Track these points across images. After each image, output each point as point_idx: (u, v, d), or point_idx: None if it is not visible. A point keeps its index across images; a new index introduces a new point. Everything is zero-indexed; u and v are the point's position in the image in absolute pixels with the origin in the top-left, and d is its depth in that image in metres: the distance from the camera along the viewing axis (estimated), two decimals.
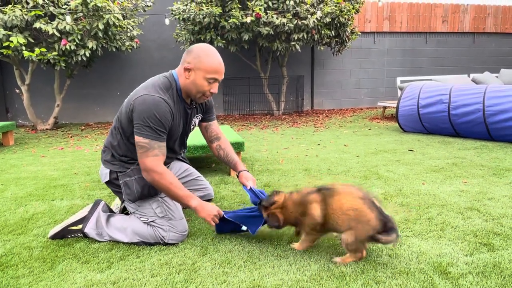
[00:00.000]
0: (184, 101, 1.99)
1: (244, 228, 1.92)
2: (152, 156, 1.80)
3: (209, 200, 2.52)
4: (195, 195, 1.95)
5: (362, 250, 1.68)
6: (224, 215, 1.92)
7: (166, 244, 1.91)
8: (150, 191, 1.94)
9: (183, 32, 6.99)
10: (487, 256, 1.69)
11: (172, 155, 2.14)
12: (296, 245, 1.83)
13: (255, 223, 1.88)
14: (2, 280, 1.60)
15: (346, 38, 7.53)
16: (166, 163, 2.17)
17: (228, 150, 2.25)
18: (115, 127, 2.00)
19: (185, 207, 1.96)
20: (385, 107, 7.62)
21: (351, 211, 1.63)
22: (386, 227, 1.61)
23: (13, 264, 1.74)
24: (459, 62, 9.99)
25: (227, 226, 1.98)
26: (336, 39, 7.44)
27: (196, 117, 2.14)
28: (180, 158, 2.40)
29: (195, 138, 3.42)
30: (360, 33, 8.40)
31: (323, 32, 6.84)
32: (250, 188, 2.02)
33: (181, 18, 6.76)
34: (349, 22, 7.31)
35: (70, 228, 2.00)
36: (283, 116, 8.03)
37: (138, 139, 1.81)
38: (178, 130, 2.00)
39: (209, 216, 1.86)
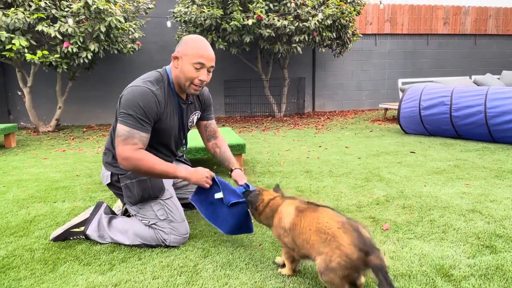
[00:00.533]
0: (178, 96, 1.97)
1: (220, 195, 1.84)
2: (131, 144, 1.76)
3: None
4: (179, 165, 1.91)
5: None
6: (215, 177, 1.89)
7: (167, 246, 1.91)
8: (150, 194, 1.93)
9: (184, 34, 7.00)
10: (489, 259, 1.69)
11: (170, 155, 2.13)
12: (283, 270, 1.64)
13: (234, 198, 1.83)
14: (4, 282, 1.60)
15: (348, 40, 7.53)
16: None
17: (224, 148, 2.23)
18: (113, 128, 1.99)
19: (175, 178, 1.91)
20: (386, 109, 7.62)
21: (322, 234, 1.39)
22: (369, 261, 1.30)
23: (15, 266, 1.74)
24: (461, 64, 9.99)
25: (208, 201, 1.89)
26: (338, 41, 7.45)
27: (195, 114, 2.12)
28: (182, 160, 2.39)
29: (196, 140, 3.42)
30: (361, 35, 8.41)
31: (324, 34, 6.85)
32: (246, 184, 1.94)
33: (182, 20, 6.78)
34: (350, 24, 7.32)
35: (72, 230, 2.00)
36: (284, 118, 8.03)
37: (119, 127, 1.79)
38: (172, 125, 1.97)
39: (201, 179, 1.85)
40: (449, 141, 4.67)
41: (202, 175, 1.86)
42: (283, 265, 1.66)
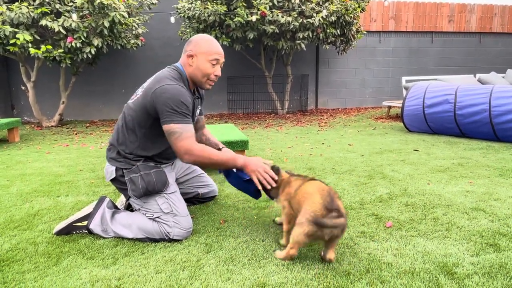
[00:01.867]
0: (190, 91, 2.06)
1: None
2: (187, 138, 1.85)
3: (213, 197, 2.53)
4: (237, 154, 1.99)
5: (302, 242, 1.61)
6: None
7: (171, 240, 1.91)
8: (155, 187, 1.95)
9: (188, 30, 6.99)
10: (493, 257, 1.68)
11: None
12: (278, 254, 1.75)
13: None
14: (8, 275, 1.61)
15: (352, 37, 7.49)
16: (172, 160, 2.18)
17: (208, 135, 2.36)
18: (124, 125, 2.00)
19: (234, 167, 1.97)
20: (390, 107, 7.59)
21: (306, 194, 1.70)
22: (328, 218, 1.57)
23: (19, 259, 1.75)
24: (465, 62, 9.93)
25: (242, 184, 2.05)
26: (342, 38, 7.42)
27: (199, 107, 2.22)
28: None
29: None
30: (365, 32, 8.37)
31: (328, 31, 6.82)
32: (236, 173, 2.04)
33: (186, 16, 6.77)
34: (355, 21, 7.28)
35: (75, 224, 2.01)
36: (287, 115, 8.01)
37: (169, 127, 1.85)
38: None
39: (255, 172, 1.88)
40: (452, 140, 4.65)
41: (261, 166, 1.89)
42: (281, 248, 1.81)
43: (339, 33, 7.07)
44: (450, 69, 9.82)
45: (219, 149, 2.25)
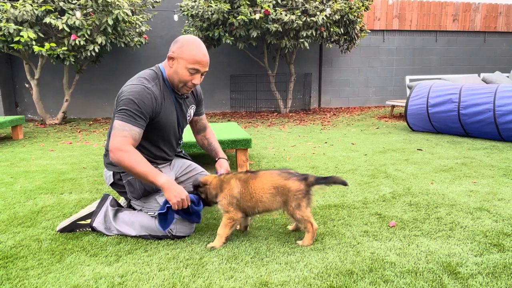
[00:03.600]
0: (174, 92, 2.02)
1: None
2: (121, 136, 1.79)
3: None
4: (163, 174, 1.84)
5: (311, 217, 1.82)
6: (193, 206, 1.84)
7: (174, 237, 1.91)
8: (153, 187, 1.95)
9: (191, 29, 6.99)
10: (497, 257, 1.67)
11: (171, 150, 2.16)
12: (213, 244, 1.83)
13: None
14: (12, 272, 1.62)
15: (355, 36, 7.47)
16: (168, 160, 2.17)
17: (211, 139, 2.33)
18: (111, 129, 2.00)
19: (153, 185, 1.84)
20: (393, 106, 7.56)
21: (273, 189, 1.82)
22: (310, 179, 1.83)
23: (23, 256, 1.76)
24: (470, 61, 9.87)
25: (171, 218, 1.86)
26: (345, 36, 7.39)
27: (191, 107, 2.18)
28: (181, 155, 2.40)
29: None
30: (369, 31, 8.33)
31: (332, 29, 6.80)
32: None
33: (189, 15, 6.76)
34: (359, 20, 7.25)
35: (78, 222, 2.02)
36: (290, 114, 8.00)
37: (114, 123, 1.84)
38: (172, 119, 2.02)
39: (175, 197, 1.75)
40: (456, 139, 4.63)
41: (179, 195, 1.76)
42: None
43: (342, 31, 7.04)
44: (454, 68, 9.77)
45: (216, 160, 2.20)
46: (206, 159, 3.75)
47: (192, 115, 2.22)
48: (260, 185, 1.83)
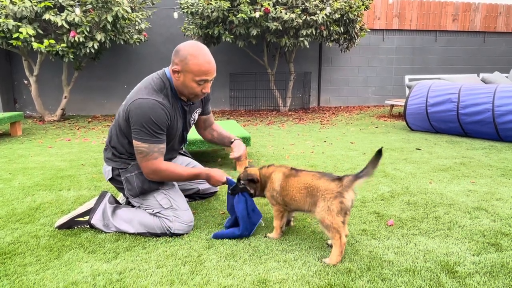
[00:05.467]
0: (180, 99, 1.98)
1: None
2: (153, 159, 1.84)
3: (214, 193, 2.53)
4: (201, 169, 2.04)
5: (341, 229, 1.63)
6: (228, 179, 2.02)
7: (172, 234, 1.91)
8: (150, 186, 1.96)
9: (191, 26, 6.97)
10: (494, 256, 1.68)
11: (173, 154, 2.18)
12: (270, 235, 1.91)
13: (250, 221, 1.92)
14: (10, 268, 1.62)
15: (355, 35, 7.46)
16: (170, 160, 2.17)
17: (219, 129, 2.33)
18: (115, 127, 2.00)
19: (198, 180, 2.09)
20: (392, 105, 7.57)
21: (304, 190, 1.75)
22: (348, 178, 1.68)
23: (21, 252, 1.76)
24: (469, 61, 9.88)
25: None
26: (345, 35, 7.38)
27: (196, 112, 2.15)
28: (182, 152, 2.41)
29: None
30: (369, 30, 8.33)
31: (332, 28, 6.79)
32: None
33: (189, 12, 6.75)
34: (359, 19, 7.25)
35: (76, 219, 2.01)
36: (289, 113, 8.00)
37: (137, 144, 1.84)
38: (177, 128, 2.01)
39: (217, 183, 2.01)
40: (455, 139, 4.63)
41: (220, 177, 1.99)
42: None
43: (342, 30, 7.04)
44: (454, 68, 9.78)
45: (232, 142, 2.23)
46: (205, 157, 3.75)
47: (196, 118, 2.20)
48: (295, 184, 1.80)
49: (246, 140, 3.31)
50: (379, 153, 1.68)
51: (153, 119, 1.80)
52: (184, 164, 2.35)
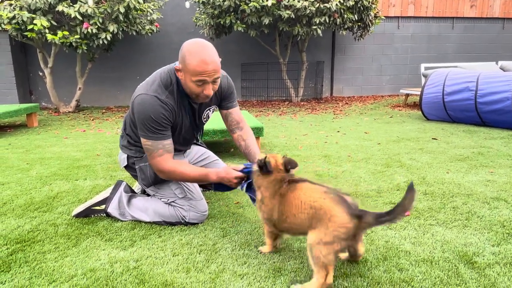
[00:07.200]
0: (189, 97, 1.88)
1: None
2: (158, 156, 1.81)
3: None
4: (209, 169, 1.86)
5: (331, 267, 1.32)
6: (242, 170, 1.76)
7: (187, 224, 1.93)
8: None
9: (202, 16, 6.93)
10: None
11: (184, 147, 2.14)
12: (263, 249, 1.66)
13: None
14: (30, 255, 1.65)
15: (369, 23, 7.31)
16: (183, 151, 2.17)
17: (248, 142, 2.07)
18: (128, 115, 1.99)
19: (208, 183, 1.94)
20: (407, 95, 7.43)
21: (309, 209, 1.38)
22: (367, 219, 1.31)
23: (40, 240, 1.79)
24: (487, 49, 9.59)
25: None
26: (359, 23, 7.24)
27: (209, 109, 2.05)
28: (197, 143, 2.40)
29: (214, 122, 3.42)
30: (383, 18, 8.14)
31: (345, 16, 6.66)
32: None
33: (200, 2, 6.70)
34: (373, 6, 7.09)
35: (93, 208, 2.04)
36: (302, 103, 7.93)
37: (143, 141, 1.83)
38: (185, 124, 1.95)
39: (230, 184, 1.78)
40: (472, 128, 4.53)
41: (231, 179, 1.76)
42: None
43: (356, 18, 6.90)
44: (471, 56, 9.51)
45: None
46: (218, 147, 3.76)
47: (210, 116, 2.11)
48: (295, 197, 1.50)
49: (259, 131, 3.29)
50: (410, 190, 1.29)
51: (153, 117, 1.76)
52: (199, 154, 2.32)
